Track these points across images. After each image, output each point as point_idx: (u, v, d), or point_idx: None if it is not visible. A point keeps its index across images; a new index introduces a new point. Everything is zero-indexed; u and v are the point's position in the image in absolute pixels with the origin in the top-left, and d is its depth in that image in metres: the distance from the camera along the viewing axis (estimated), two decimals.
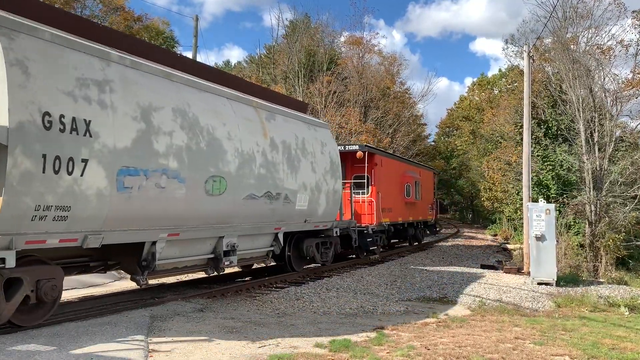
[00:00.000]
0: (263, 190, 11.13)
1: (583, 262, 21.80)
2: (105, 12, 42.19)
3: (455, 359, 6.56)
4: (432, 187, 28.86)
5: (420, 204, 24.92)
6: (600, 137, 24.58)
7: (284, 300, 10.91)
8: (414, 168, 24.71)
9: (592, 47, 26.80)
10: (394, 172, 20.63)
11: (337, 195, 14.67)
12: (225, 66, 57.02)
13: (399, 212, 20.96)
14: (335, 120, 34.11)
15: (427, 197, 26.58)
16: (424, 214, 25.76)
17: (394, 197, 20.30)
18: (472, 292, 13.26)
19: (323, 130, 14.83)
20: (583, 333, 8.69)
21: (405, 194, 21.87)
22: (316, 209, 13.52)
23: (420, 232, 26.07)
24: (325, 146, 14.28)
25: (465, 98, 70.65)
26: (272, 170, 11.51)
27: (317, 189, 13.45)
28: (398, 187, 21.23)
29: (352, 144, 18.33)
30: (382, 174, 18.74)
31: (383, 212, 18.40)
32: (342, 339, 7.36)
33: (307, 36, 41.67)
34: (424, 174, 26.63)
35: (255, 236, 11.50)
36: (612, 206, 23.94)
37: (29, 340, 6.58)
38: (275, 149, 11.76)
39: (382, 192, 18.52)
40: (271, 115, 12.19)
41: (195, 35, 23.55)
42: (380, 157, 18.85)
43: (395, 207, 20.29)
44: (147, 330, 7.36)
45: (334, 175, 14.48)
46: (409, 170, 23.17)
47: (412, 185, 22.70)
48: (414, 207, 23.41)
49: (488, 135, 44.45)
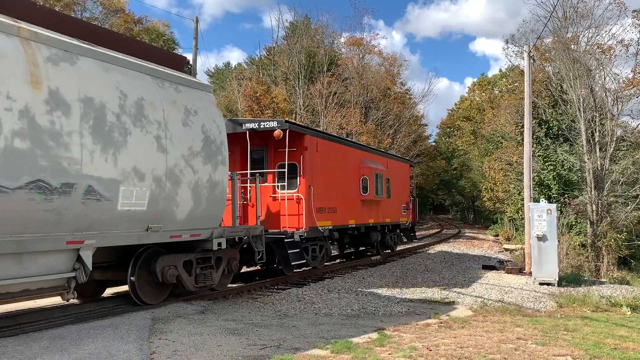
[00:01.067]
0: (24, 178, 6.85)
1: (585, 262, 21.80)
2: (105, 14, 42.28)
3: (457, 359, 6.55)
4: (407, 183, 23.43)
5: (389, 203, 19.97)
6: (601, 137, 24.58)
7: (286, 301, 10.91)
8: (377, 157, 19.18)
9: (593, 46, 26.84)
10: (340, 161, 15.69)
11: (217, 190, 10.16)
12: (225, 68, 57.07)
13: (350, 213, 16.29)
14: (336, 121, 34.14)
15: (399, 194, 21.44)
16: (394, 215, 20.80)
17: (341, 193, 15.59)
18: (473, 293, 13.24)
19: (193, 93, 10.05)
20: (585, 333, 8.68)
21: (361, 189, 16.96)
22: (172, 210, 9.13)
23: (392, 238, 21.45)
24: (193, 115, 9.74)
25: (465, 98, 70.69)
26: (50, 144, 7.15)
27: (171, 179, 9.04)
28: (349, 180, 16.33)
29: (270, 120, 13.42)
30: (317, 162, 14.10)
31: (320, 213, 14.08)
32: (343, 340, 7.35)
33: (307, 37, 41.71)
34: (394, 165, 21.23)
35: (19, 257, 7.03)
36: (614, 206, 23.94)
37: (30, 342, 6.58)
38: (61, 109, 7.35)
39: (318, 186, 14.03)
40: (64, 54, 7.64)
41: (196, 37, 23.55)
42: (313, 139, 14.09)
43: (343, 206, 15.64)
44: (148, 332, 7.36)
45: (210, 160, 9.95)
46: (368, 160, 17.79)
47: (373, 178, 17.65)
48: (377, 206, 18.58)
49: (489, 136, 44.46)
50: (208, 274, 10.51)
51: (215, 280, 10.65)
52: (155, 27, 49.77)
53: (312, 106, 36.07)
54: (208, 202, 10.00)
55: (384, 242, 20.47)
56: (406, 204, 22.60)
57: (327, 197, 14.63)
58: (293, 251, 12.82)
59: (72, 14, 38.17)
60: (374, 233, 18.68)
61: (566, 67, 25.71)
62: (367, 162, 17.56)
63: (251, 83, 36.71)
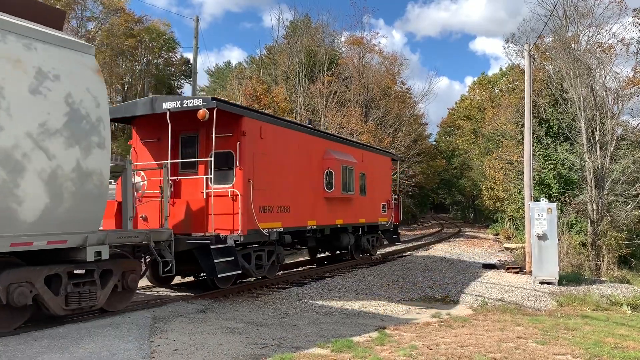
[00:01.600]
0: None
1: (585, 261, 21.79)
2: (105, 13, 42.29)
3: (458, 358, 6.56)
4: (388, 178, 20.65)
5: (364, 201, 17.43)
6: (602, 136, 24.56)
7: (286, 300, 10.92)
8: (347, 148, 16.48)
9: (593, 45, 26.82)
10: (294, 150, 13.21)
11: (92, 182, 7.86)
12: (226, 67, 57.08)
13: (310, 213, 13.90)
14: (337, 120, 34.13)
15: (378, 191, 18.89)
16: (371, 214, 18.19)
17: (297, 189, 13.23)
18: (474, 292, 13.25)
19: (56, 53, 7.56)
20: (585, 332, 8.68)
21: (325, 185, 14.55)
22: (10, 208, 6.82)
23: (370, 240, 18.78)
24: (52, 80, 7.39)
25: (466, 97, 70.71)
26: None
27: (7, 166, 6.79)
28: (308, 174, 13.87)
29: (194, 97, 11.05)
30: (261, 151, 11.72)
31: (265, 213, 11.71)
32: (344, 339, 7.36)
33: (308, 36, 41.73)
34: (372, 158, 18.54)
35: None
36: (614, 205, 23.93)
37: (31, 341, 6.59)
38: None
39: (262, 180, 11.64)
40: None
41: (196, 36, 23.55)
42: (255, 122, 11.62)
43: (299, 204, 13.29)
44: (149, 331, 7.37)
45: (79, 142, 7.68)
46: (334, 151, 15.21)
47: (340, 172, 15.06)
48: (347, 205, 16.10)
49: (489, 135, 44.47)
50: (87, 292, 8.06)
51: (100, 300, 8.28)
52: (155, 27, 49.79)
53: (313, 105, 36.07)
54: (76, 198, 7.57)
55: (360, 245, 17.85)
56: (387, 202, 19.79)
57: (276, 194, 12.20)
58: (222, 260, 10.20)
59: (72, 13, 38.16)
60: (345, 235, 16.26)
61: (567, 66, 25.70)
62: (333, 153, 14.99)
63: (251, 82, 36.73)
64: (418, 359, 6.49)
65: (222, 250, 10.34)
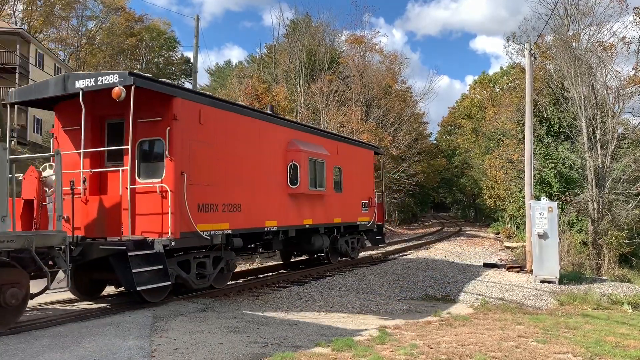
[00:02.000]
0: None
1: (586, 260, 21.79)
2: (106, 12, 42.28)
3: (458, 357, 6.56)
4: (370, 174, 18.59)
5: (340, 199, 15.65)
6: (603, 135, 24.55)
7: (287, 299, 10.92)
8: (318, 139, 14.70)
9: (594, 44, 26.80)
10: (247, 140, 11.42)
11: None
12: (226, 66, 57.10)
13: (269, 212, 12.14)
14: (337, 119, 34.13)
15: (358, 188, 17.02)
16: (349, 213, 16.36)
17: (251, 184, 11.44)
18: (474, 291, 13.25)
19: None
20: (586, 331, 8.68)
21: (289, 180, 12.88)
22: None
23: (349, 242, 17.07)
24: None
25: (466, 96, 70.70)
26: None
27: None
28: (265, 167, 12.09)
29: (109, 72, 9.21)
30: (201, 139, 9.98)
31: (205, 213, 10.01)
32: (344, 338, 7.35)
33: (308, 35, 41.73)
34: (350, 151, 16.70)
35: None
36: (615, 204, 23.92)
37: (32, 340, 6.60)
38: None
39: (202, 173, 9.97)
40: None
41: (196, 35, 23.54)
42: (192, 104, 9.89)
43: (254, 202, 11.51)
44: (149, 330, 7.37)
45: None
46: (301, 141, 13.49)
47: (307, 166, 13.31)
48: (318, 203, 14.33)
49: (490, 134, 44.47)
50: None
51: None
52: (156, 26, 49.81)
53: (313, 104, 36.07)
54: None
55: (337, 247, 16.20)
56: (369, 200, 17.84)
57: (222, 190, 10.51)
58: (145, 270, 8.53)
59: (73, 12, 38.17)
60: (318, 237, 14.56)
61: (567, 64, 25.69)
62: (299, 144, 13.20)
63: (252, 81, 36.73)
64: (419, 357, 6.49)
65: (147, 258, 8.68)
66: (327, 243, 15.21)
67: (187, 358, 6.16)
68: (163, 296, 9.55)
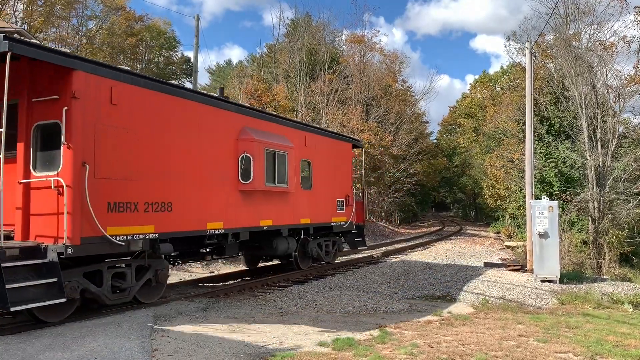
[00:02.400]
0: None
1: (586, 259, 21.78)
2: (106, 12, 42.27)
3: (459, 356, 6.55)
4: (347, 169, 16.52)
5: (308, 197, 13.90)
6: (603, 134, 24.53)
7: (287, 299, 10.93)
8: (279, 127, 12.77)
9: (595, 43, 26.78)
10: (183, 126, 9.63)
11: None
12: (227, 65, 57.10)
13: (213, 211, 10.28)
14: (337, 118, 34.14)
15: (330, 184, 15.12)
16: (320, 213, 14.52)
17: (189, 178, 9.69)
18: (475, 290, 13.25)
19: None
20: (587, 330, 8.68)
21: (240, 174, 10.99)
22: None
23: (323, 246, 15.24)
24: None
25: (467, 95, 70.69)
26: None
27: None
28: (208, 158, 10.21)
29: None
30: (112, 123, 8.32)
31: (120, 212, 8.36)
32: (345, 337, 7.36)
33: (309, 35, 41.74)
34: (322, 143, 14.85)
35: None
36: (616, 203, 23.90)
37: (33, 340, 6.60)
38: None
39: (115, 164, 8.33)
40: None
41: (197, 34, 23.54)
42: (101, 80, 8.19)
43: (192, 200, 9.73)
44: (150, 329, 7.37)
45: None
46: (256, 130, 11.60)
47: (262, 158, 11.43)
48: (280, 201, 12.53)
49: (490, 133, 44.47)
50: None
51: None
52: (156, 25, 49.79)
53: (314, 104, 36.08)
54: None
55: (307, 252, 14.40)
56: (345, 198, 15.97)
57: (144, 185, 8.76)
58: (25, 285, 6.87)
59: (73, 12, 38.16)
60: (282, 240, 12.93)
61: (568, 64, 25.67)
62: (253, 132, 11.34)
63: (252, 81, 36.73)
64: (419, 357, 6.49)
65: (38, 269, 7.14)
66: (293, 247, 13.56)
67: (187, 357, 6.16)
68: (65, 315, 7.84)
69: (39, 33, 35.12)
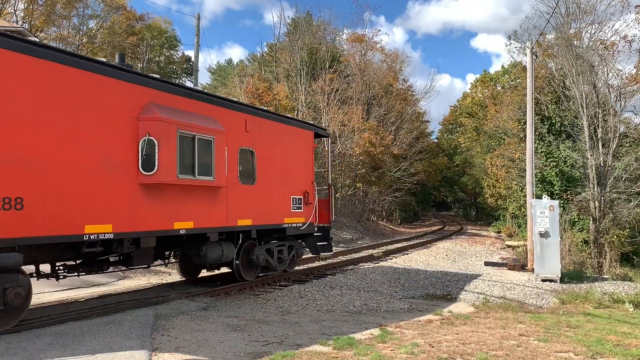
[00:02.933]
0: None
1: (587, 259, 21.78)
2: (107, 11, 42.27)
3: (459, 356, 6.55)
4: (307, 161, 14.00)
5: (251, 194, 11.42)
6: (604, 133, 24.51)
7: (288, 298, 10.93)
8: (201, 106, 10.16)
9: (596, 42, 26.74)
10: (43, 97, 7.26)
11: None
12: (227, 65, 57.08)
13: (98, 210, 7.93)
14: (338, 118, 34.12)
15: (282, 178, 12.68)
16: (267, 213, 12.05)
17: (56, 166, 7.39)
18: (475, 289, 13.24)
19: None
20: (587, 329, 8.67)
21: (141, 163, 8.58)
22: None
23: (274, 252, 12.79)
24: None
25: (468, 95, 70.59)
26: None
27: None
28: (88, 140, 7.88)
29: None
30: None
31: None
32: (345, 336, 7.36)
33: (309, 34, 41.70)
34: (269, 129, 12.23)
35: None
36: (616, 202, 23.88)
37: (33, 339, 6.60)
38: None
39: None
40: None
41: (197, 33, 23.54)
42: None
43: (61, 194, 7.42)
44: (151, 329, 7.38)
45: None
46: (165, 107, 9.16)
47: (174, 142, 9.00)
48: (206, 197, 10.06)
49: (491, 132, 44.43)
50: None
51: None
52: (156, 24, 49.78)
53: (314, 103, 36.06)
54: None
55: (252, 259, 12.00)
56: (304, 195, 13.55)
57: None
58: None
59: (74, 11, 38.17)
60: (211, 246, 10.57)
61: (569, 63, 25.63)
62: (160, 109, 8.96)
63: (253, 80, 36.70)
64: (420, 356, 6.49)
65: None
66: (231, 254, 11.21)
67: (188, 357, 6.17)
68: None
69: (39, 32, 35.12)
